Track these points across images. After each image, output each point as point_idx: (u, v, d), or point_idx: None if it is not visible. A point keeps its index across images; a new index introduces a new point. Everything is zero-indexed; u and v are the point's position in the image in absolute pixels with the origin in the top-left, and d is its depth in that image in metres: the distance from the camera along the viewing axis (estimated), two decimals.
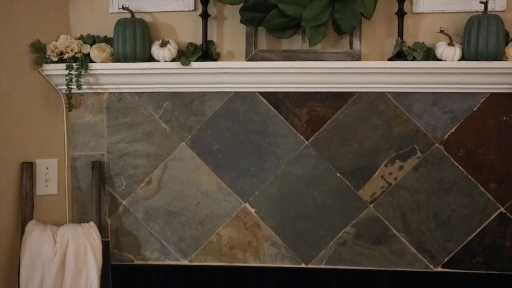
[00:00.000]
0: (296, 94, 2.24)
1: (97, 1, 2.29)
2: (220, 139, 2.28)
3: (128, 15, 2.19)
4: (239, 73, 2.19)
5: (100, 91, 2.28)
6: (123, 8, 2.20)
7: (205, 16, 2.19)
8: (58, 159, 2.30)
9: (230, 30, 2.25)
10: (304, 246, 2.30)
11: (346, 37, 2.21)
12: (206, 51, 2.20)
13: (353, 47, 2.17)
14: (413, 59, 2.11)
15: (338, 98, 2.23)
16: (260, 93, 2.25)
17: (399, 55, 2.13)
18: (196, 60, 2.18)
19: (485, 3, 2.08)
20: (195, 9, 2.25)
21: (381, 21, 2.20)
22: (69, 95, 2.24)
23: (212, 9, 2.24)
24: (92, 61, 2.21)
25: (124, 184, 2.32)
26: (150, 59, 2.21)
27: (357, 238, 2.28)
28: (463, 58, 2.11)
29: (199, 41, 2.22)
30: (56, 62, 2.21)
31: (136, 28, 2.16)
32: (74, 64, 2.19)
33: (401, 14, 2.13)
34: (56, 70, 2.21)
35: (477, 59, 2.08)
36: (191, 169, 2.30)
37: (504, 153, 2.20)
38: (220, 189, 2.30)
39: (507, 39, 2.11)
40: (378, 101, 2.22)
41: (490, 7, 2.10)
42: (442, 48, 2.11)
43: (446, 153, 2.21)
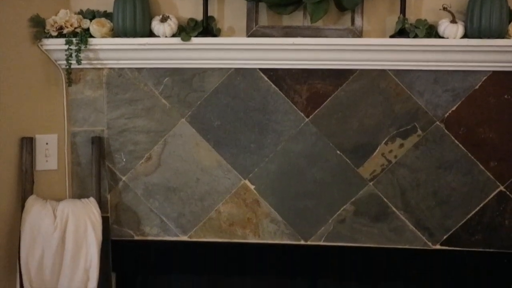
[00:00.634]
0: (297, 71, 2.23)
1: None
2: (220, 116, 2.27)
3: None
4: (239, 49, 2.18)
5: (99, 66, 2.27)
6: None
7: None
8: (58, 134, 2.30)
9: (231, 5, 2.23)
10: (304, 223, 2.30)
11: (348, 13, 2.19)
12: (206, 27, 2.19)
13: (355, 24, 2.15)
14: (415, 36, 2.09)
15: (339, 75, 2.22)
16: (261, 69, 2.24)
17: (401, 32, 2.12)
18: (197, 36, 2.16)
19: None
20: None
21: None
22: (69, 70, 2.23)
23: None
24: (91, 36, 2.19)
25: (124, 160, 2.32)
26: (150, 34, 2.19)
27: (357, 215, 2.28)
28: (465, 35, 2.10)
29: (199, 16, 2.20)
30: (56, 37, 2.19)
31: (136, 3, 2.14)
32: (74, 39, 2.17)
33: None
34: (55, 45, 2.20)
35: (479, 36, 2.07)
36: (191, 145, 2.30)
37: (504, 131, 2.19)
38: (220, 165, 2.30)
39: (510, 17, 2.09)
40: (379, 79, 2.21)
41: None
42: (444, 26, 2.09)
43: (446, 131, 2.21)
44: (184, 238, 2.35)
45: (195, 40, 2.16)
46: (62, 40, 2.18)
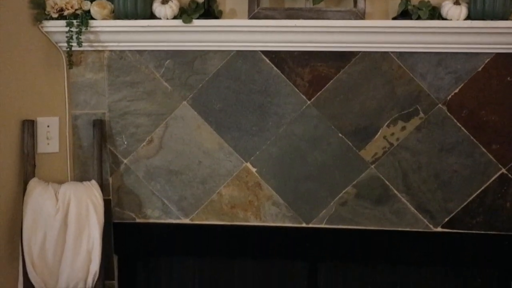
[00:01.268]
0: (299, 53, 2.22)
1: None
2: (221, 98, 2.27)
3: None
4: (241, 32, 2.17)
5: (100, 48, 2.25)
6: None
7: None
8: (59, 117, 2.29)
9: None
10: (305, 206, 2.31)
11: None
12: (208, 9, 2.17)
13: (357, 6, 2.14)
14: (418, 18, 2.08)
15: (341, 58, 2.21)
16: (263, 52, 2.23)
17: (404, 14, 2.10)
18: (198, 18, 2.15)
19: None
20: None
21: None
22: (70, 53, 2.22)
23: None
24: (92, 18, 2.18)
25: (125, 142, 2.32)
26: (151, 16, 2.18)
27: (358, 198, 2.28)
28: (469, 17, 2.08)
29: None
30: (56, 18, 2.17)
31: None
32: (75, 21, 2.16)
33: None
34: (56, 27, 2.19)
35: (483, 18, 2.05)
36: (192, 128, 2.29)
37: (507, 114, 2.19)
38: (221, 148, 2.30)
39: None
40: (381, 61, 2.20)
41: None
42: (447, 7, 2.08)
43: (449, 114, 2.20)
44: (186, 220, 2.35)
45: (196, 22, 2.14)
46: (63, 22, 2.17)
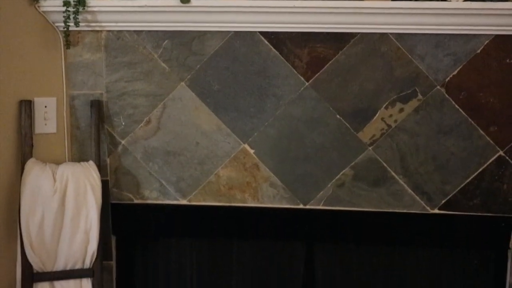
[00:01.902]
0: (297, 34, 2.21)
1: None
2: (220, 79, 2.26)
3: None
4: (239, 12, 2.15)
5: (98, 29, 2.24)
6: None
7: None
8: (57, 97, 2.28)
9: None
10: (303, 187, 2.31)
11: None
12: None
13: None
14: None
15: (340, 39, 2.20)
16: (261, 32, 2.22)
17: None
18: None
19: None
20: None
21: None
22: (67, 33, 2.21)
23: None
24: None
25: (123, 123, 2.32)
26: None
27: (356, 180, 2.29)
28: None
29: None
30: None
31: None
32: (72, 1, 2.14)
33: None
34: (53, 7, 2.17)
35: None
36: (190, 109, 2.29)
37: (505, 96, 2.19)
38: (219, 129, 2.29)
39: None
40: (380, 42, 2.19)
41: None
42: None
43: (447, 96, 2.20)
44: (184, 202, 2.36)
45: (194, 2, 2.13)
46: (60, 2, 2.15)
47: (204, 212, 2.36)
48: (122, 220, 2.38)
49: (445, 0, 2.07)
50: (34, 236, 2.14)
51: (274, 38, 2.22)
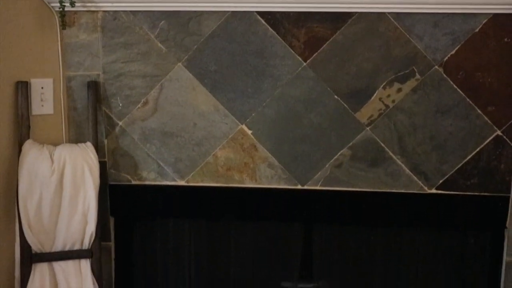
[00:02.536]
0: (295, 14, 2.19)
1: None
2: (217, 60, 2.25)
3: None
4: None
5: (94, 9, 2.23)
6: None
7: None
8: (53, 78, 2.27)
9: None
10: (301, 168, 2.31)
11: None
12: None
13: None
14: None
15: (338, 18, 2.18)
16: (258, 12, 2.20)
17: None
18: None
19: None
20: None
21: None
22: (63, 13, 2.19)
23: None
24: None
25: (120, 104, 2.31)
26: None
27: (353, 160, 2.29)
28: None
29: None
30: None
31: None
32: None
33: None
34: None
35: None
36: (187, 90, 2.28)
37: (503, 76, 2.18)
38: (217, 110, 2.29)
39: None
40: (378, 22, 2.17)
41: None
42: None
43: (445, 76, 2.20)
44: (181, 182, 2.36)
45: None
46: None
47: (202, 193, 2.36)
48: (120, 201, 2.39)
49: None
50: (32, 217, 2.15)
51: (271, 18, 2.20)
